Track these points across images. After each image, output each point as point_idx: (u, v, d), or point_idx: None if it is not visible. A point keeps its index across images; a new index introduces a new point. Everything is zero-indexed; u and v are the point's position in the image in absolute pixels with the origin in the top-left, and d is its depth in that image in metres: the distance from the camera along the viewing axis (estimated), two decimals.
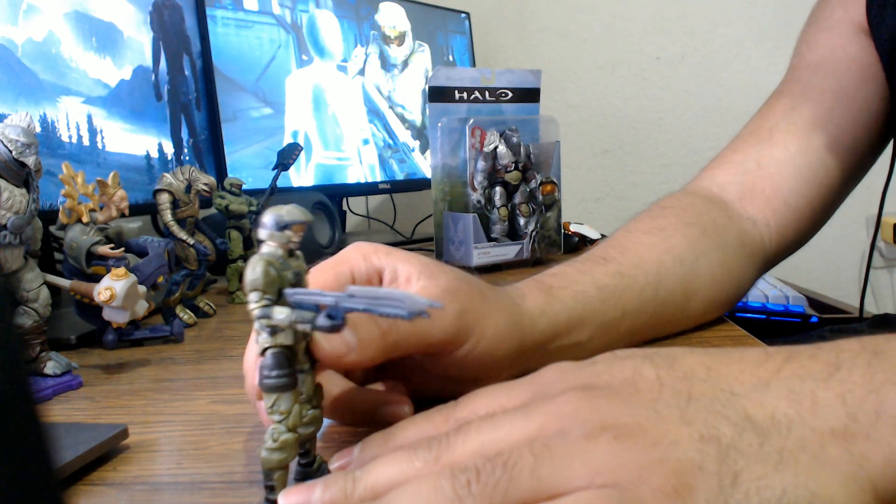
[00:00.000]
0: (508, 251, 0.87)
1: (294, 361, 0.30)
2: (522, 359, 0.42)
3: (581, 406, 0.27)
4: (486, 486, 0.24)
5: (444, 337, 0.36)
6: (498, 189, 0.86)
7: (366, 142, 1.25)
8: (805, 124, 0.61)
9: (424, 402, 0.37)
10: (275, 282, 0.28)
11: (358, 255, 0.36)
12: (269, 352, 0.29)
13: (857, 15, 0.62)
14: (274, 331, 0.29)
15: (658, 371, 0.28)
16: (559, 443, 0.25)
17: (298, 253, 0.31)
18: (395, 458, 0.28)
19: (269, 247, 0.29)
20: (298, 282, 0.30)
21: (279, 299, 0.29)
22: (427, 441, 0.28)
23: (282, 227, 0.29)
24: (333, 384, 0.36)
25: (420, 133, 1.36)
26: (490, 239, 0.86)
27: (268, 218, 0.29)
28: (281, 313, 0.28)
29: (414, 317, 0.26)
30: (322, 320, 0.28)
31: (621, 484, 0.23)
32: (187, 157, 0.97)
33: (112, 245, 0.56)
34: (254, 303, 0.28)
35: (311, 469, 0.33)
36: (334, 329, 0.28)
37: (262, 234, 0.29)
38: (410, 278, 0.36)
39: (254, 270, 0.28)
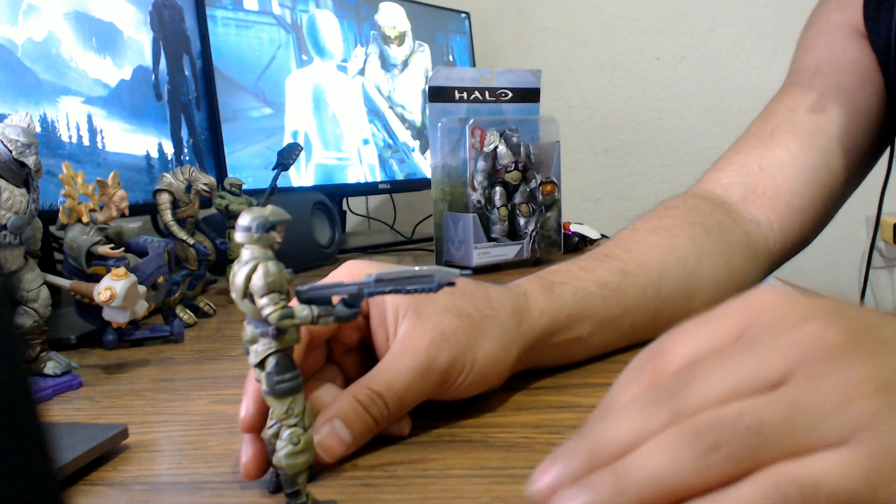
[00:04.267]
0: (508, 251, 0.87)
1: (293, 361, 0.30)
2: (520, 360, 0.42)
3: (828, 350, 0.24)
4: (732, 453, 0.22)
5: (438, 384, 0.37)
6: (498, 189, 0.86)
7: (366, 142, 1.25)
8: (806, 126, 0.61)
9: (422, 409, 0.37)
10: (286, 281, 0.28)
11: (349, 279, 0.36)
12: (272, 358, 0.28)
13: (854, 18, 0.63)
14: (279, 334, 0.28)
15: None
16: (810, 398, 0.23)
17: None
18: (626, 416, 0.25)
19: (257, 249, 0.28)
20: (292, 280, 0.30)
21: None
22: (654, 395, 0.25)
23: (268, 227, 0.28)
24: (330, 397, 0.36)
25: (420, 133, 1.36)
26: (490, 239, 0.86)
27: (250, 221, 0.28)
28: (303, 310, 0.28)
29: (441, 287, 0.28)
30: (341, 309, 0.29)
31: (885, 443, 0.22)
32: (187, 157, 0.97)
33: (112, 245, 0.56)
34: (273, 305, 0.27)
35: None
36: (354, 316, 0.29)
37: (243, 237, 0.28)
38: (398, 311, 0.37)
39: (267, 273, 0.27)
